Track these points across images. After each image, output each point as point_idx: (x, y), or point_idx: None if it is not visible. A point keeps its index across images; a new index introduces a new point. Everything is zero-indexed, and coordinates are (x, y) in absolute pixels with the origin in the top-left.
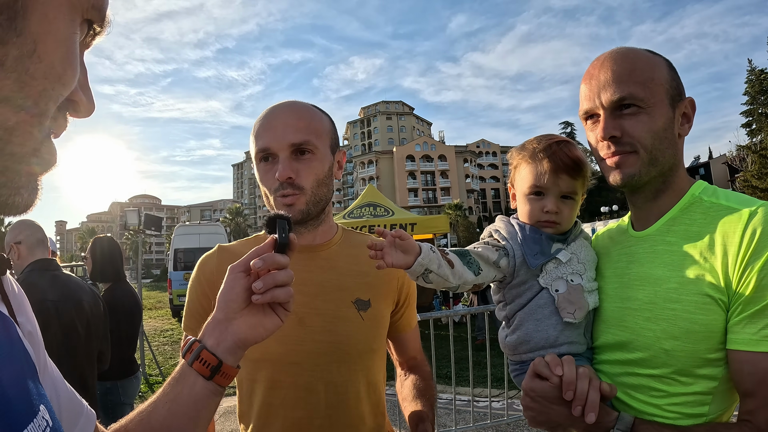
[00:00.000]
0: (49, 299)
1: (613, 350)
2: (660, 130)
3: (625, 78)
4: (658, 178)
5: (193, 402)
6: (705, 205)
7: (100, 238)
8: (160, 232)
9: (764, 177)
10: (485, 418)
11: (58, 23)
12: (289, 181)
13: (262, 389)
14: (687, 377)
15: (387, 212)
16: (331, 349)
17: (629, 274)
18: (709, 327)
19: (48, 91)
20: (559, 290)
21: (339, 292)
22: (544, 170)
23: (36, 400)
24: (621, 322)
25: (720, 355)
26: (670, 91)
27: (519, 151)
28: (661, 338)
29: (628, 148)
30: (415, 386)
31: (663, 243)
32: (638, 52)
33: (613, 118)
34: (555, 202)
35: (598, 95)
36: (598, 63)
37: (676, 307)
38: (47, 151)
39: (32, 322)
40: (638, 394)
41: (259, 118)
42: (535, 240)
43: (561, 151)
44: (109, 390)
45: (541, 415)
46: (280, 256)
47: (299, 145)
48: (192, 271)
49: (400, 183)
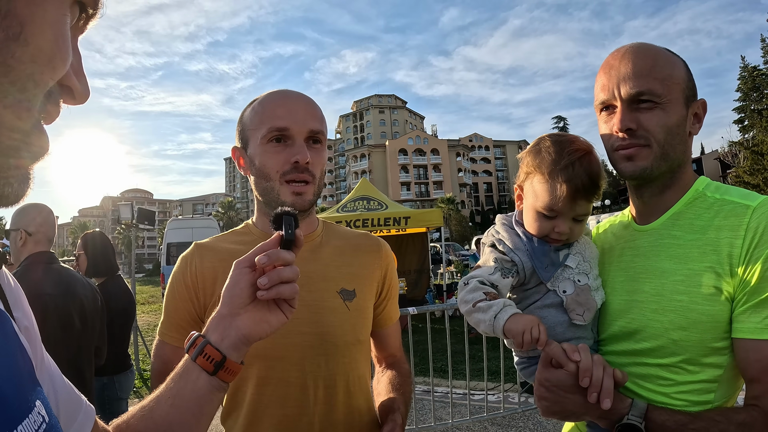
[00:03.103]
0: (48, 293)
1: (620, 341)
2: (673, 126)
3: (645, 73)
4: (667, 173)
5: (196, 397)
6: (709, 201)
7: (91, 233)
8: (154, 226)
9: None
10: (481, 411)
11: (46, 5)
12: (307, 165)
13: (249, 387)
14: (694, 366)
15: (381, 206)
16: (318, 342)
17: (635, 267)
18: (716, 317)
19: (36, 76)
20: (567, 291)
21: (324, 282)
22: (562, 194)
23: (32, 396)
24: (628, 314)
25: (725, 344)
26: (686, 91)
27: (534, 157)
28: (669, 329)
29: (642, 141)
30: (390, 382)
31: (669, 237)
32: (659, 50)
33: (630, 111)
34: (567, 225)
35: (618, 87)
36: (619, 55)
37: (683, 299)
38: (37, 139)
39: (29, 317)
40: (646, 383)
41: (267, 98)
42: (544, 252)
43: (583, 172)
44: (106, 385)
45: (556, 405)
46: (285, 252)
47: (316, 133)
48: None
49: (393, 177)
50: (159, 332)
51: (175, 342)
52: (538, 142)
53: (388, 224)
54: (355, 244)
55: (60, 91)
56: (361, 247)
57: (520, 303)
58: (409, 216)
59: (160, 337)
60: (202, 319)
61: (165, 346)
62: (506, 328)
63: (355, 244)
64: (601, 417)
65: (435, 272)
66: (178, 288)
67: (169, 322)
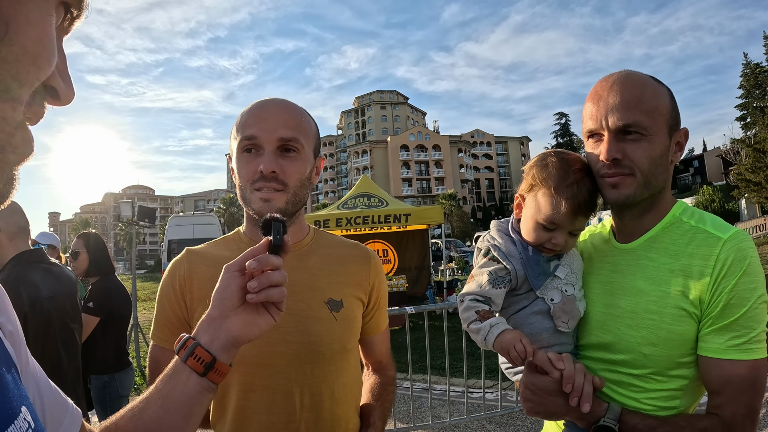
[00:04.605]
0: (45, 296)
1: (596, 350)
2: (657, 156)
3: (632, 105)
4: (648, 199)
5: (186, 398)
6: (684, 227)
7: (87, 233)
8: (154, 223)
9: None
10: (479, 410)
11: (31, 4)
12: (272, 175)
13: (235, 393)
14: (662, 377)
15: (381, 203)
16: (304, 350)
17: (612, 283)
18: (684, 336)
19: (21, 76)
20: (554, 300)
21: (311, 292)
22: (563, 210)
23: (17, 401)
24: (605, 326)
25: (691, 359)
26: (670, 121)
27: (540, 171)
28: (642, 344)
29: (627, 171)
30: (371, 390)
31: (645, 258)
32: (646, 80)
33: (617, 141)
34: (564, 237)
35: (606, 117)
36: (607, 85)
37: (655, 318)
38: (22, 139)
39: (13, 321)
40: (619, 389)
41: (246, 109)
42: (537, 261)
43: (585, 191)
44: (107, 383)
45: (540, 406)
46: (274, 257)
47: (288, 141)
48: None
49: (395, 173)
50: (151, 335)
51: (166, 344)
52: (545, 157)
53: (389, 221)
54: (344, 254)
55: (45, 92)
56: (349, 257)
57: (510, 307)
58: (409, 213)
59: (152, 340)
60: (189, 323)
61: (156, 348)
62: (496, 348)
63: (344, 254)
64: (580, 418)
65: (436, 269)
66: (167, 292)
67: (160, 325)
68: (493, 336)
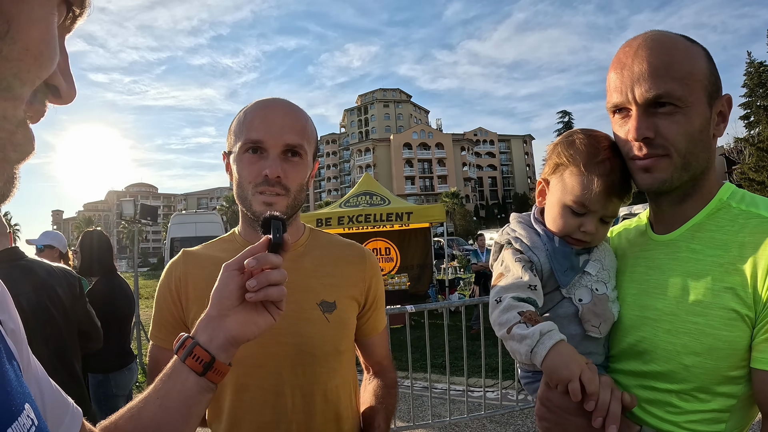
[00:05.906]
0: (22, 293)
1: (628, 360)
2: (696, 132)
3: (662, 72)
4: (688, 182)
5: (184, 398)
6: (733, 212)
7: (90, 231)
8: (156, 221)
9: (762, 170)
10: (480, 409)
11: (33, 3)
12: (277, 179)
13: (229, 393)
14: (706, 394)
15: (383, 201)
16: (295, 352)
17: (648, 281)
18: (733, 344)
19: (23, 74)
20: (583, 300)
21: (303, 294)
22: (595, 189)
23: (20, 399)
24: (638, 331)
25: (742, 373)
26: (708, 88)
27: (567, 149)
28: (682, 353)
29: (661, 151)
30: (374, 393)
31: (687, 250)
32: (676, 41)
33: (647, 117)
34: (594, 224)
35: (631, 89)
36: (631, 51)
37: (699, 321)
38: (23, 137)
39: (15, 319)
40: (654, 409)
41: (250, 108)
42: (565, 254)
43: (618, 170)
44: (101, 382)
45: (557, 427)
46: (273, 255)
47: (293, 146)
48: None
49: (397, 171)
50: (150, 335)
51: (164, 344)
52: (570, 134)
53: (391, 219)
54: (338, 254)
55: (46, 91)
56: (344, 258)
57: None
58: (411, 211)
59: (150, 340)
60: (186, 323)
61: (155, 347)
62: (546, 368)
63: (339, 254)
64: None
65: (438, 267)
66: (164, 293)
67: (158, 325)
68: (543, 350)
